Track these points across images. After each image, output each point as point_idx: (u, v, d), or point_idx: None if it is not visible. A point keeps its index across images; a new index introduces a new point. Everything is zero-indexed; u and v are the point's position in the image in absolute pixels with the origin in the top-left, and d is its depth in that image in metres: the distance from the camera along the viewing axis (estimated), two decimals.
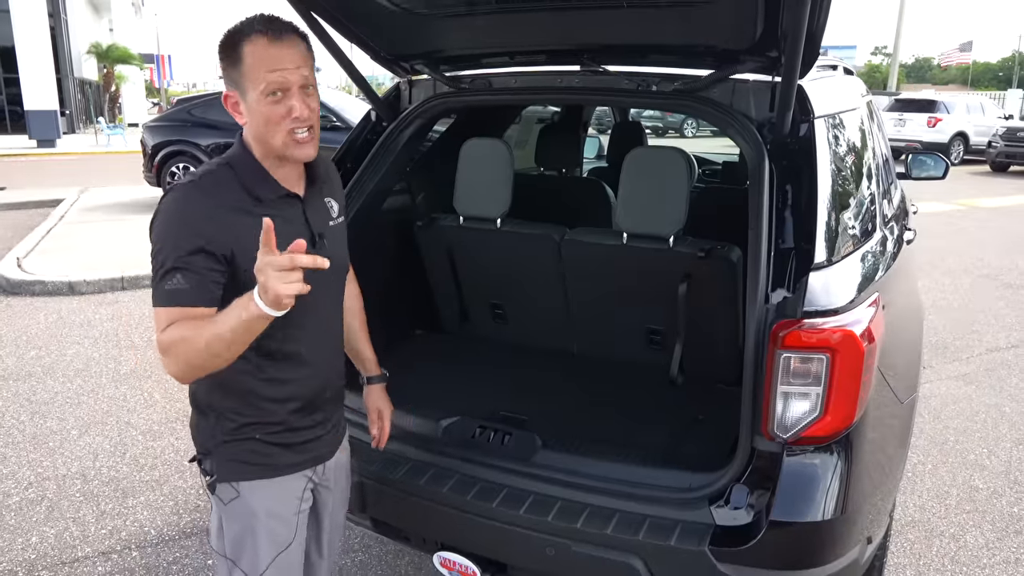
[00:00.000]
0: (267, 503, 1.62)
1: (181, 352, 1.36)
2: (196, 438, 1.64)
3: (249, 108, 1.47)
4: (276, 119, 1.45)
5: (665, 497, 1.89)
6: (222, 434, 1.58)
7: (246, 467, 1.59)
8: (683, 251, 2.30)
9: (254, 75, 1.44)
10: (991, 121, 19.67)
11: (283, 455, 1.62)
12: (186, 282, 1.38)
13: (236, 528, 1.62)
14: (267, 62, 1.43)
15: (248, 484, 1.60)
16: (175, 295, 1.38)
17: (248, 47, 1.44)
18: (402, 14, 2.23)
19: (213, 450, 1.59)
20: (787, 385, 1.73)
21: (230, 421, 1.57)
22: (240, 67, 1.45)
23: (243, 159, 1.52)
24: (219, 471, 1.59)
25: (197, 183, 1.47)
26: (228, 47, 1.46)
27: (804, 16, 1.59)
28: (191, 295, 1.39)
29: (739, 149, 2.72)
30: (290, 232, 1.49)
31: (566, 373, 2.77)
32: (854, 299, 1.79)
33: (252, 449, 1.59)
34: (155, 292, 1.40)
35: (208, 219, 1.42)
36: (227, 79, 1.49)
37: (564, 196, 3.38)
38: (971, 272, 7.76)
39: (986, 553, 3.01)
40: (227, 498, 1.60)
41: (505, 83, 2.52)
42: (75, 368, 4.80)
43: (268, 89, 1.44)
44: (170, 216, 1.43)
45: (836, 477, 1.76)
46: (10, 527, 3.07)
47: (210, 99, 11.20)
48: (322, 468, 1.74)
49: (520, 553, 1.94)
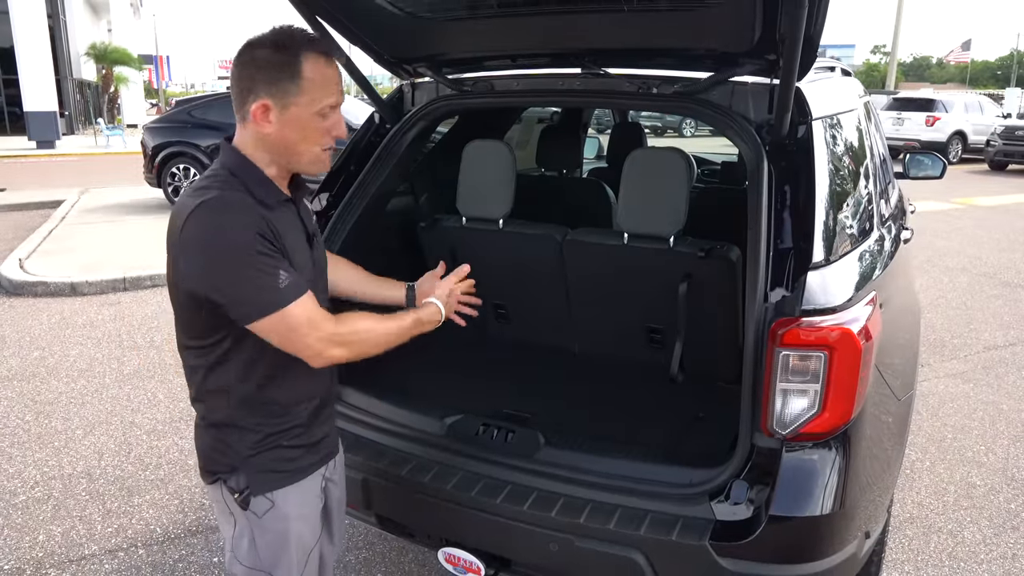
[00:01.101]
0: (298, 508, 1.62)
1: (363, 341, 1.55)
2: (213, 458, 1.59)
3: (288, 119, 1.47)
4: (318, 135, 1.50)
5: (666, 493, 1.92)
6: (247, 448, 1.56)
7: (278, 475, 1.59)
8: (683, 251, 2.33)
9: (315, 92, 1.46)
10: (989, 120, 19.69)
11: (305, 456, 1.63)
12: (288, 274, 1.43)
13: (270, 538, 1.61)
14: (329, 82, 1.48)
15: (282, 492, 1.59)
16: (296, 287, 1.43)
17: (310, 63, 1.45)
18: (405, 17, 2.26)
19: (240, 465, 1.56)
20: (786, 382, 1.76)
21: (254, 433, 1.56)
22: (298, 81, 1.44)
23: (246, 167, 1.50)
24: (252, 485, 1.57)
25: (224, 194, 1.44)
26: (284, 56, 1.44)
27: (802, 20, 1.62)
28: (301, 284, 1.45)
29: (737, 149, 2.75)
30: (292, 234, 1.54)
31: (568, 371, 2.80)
32: (852, 297, 1.82)
33: (280, 457, 1.59)
34: (265, 300, 1.40)
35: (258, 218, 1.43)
36: (268, 86, 1.44)
37: (565, 196, 3.41)
38: (969, 270, 7.80)
39: (983, 549, 3.04)
40: (262, 510, 1.58)
41: (507, 85, 2.55)
42: (79, 368, 4.83)
43: (328, 106, 1.49)
44: (230, 227, 1.40)
45: (834, 473, 1.79)
46: (17, 526, 3.10)
47: (210, 100, 11.23)
48: (333, 463, 1.76)
49: (524, 548, 1.97)
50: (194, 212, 1.41)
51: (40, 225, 9.37)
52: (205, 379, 1.55)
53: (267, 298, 1.40)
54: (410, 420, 2.26)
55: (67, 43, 28.51)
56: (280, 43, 1.45)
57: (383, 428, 2.27)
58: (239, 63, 1.48)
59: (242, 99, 1.48)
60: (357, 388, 2.37)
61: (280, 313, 1.41)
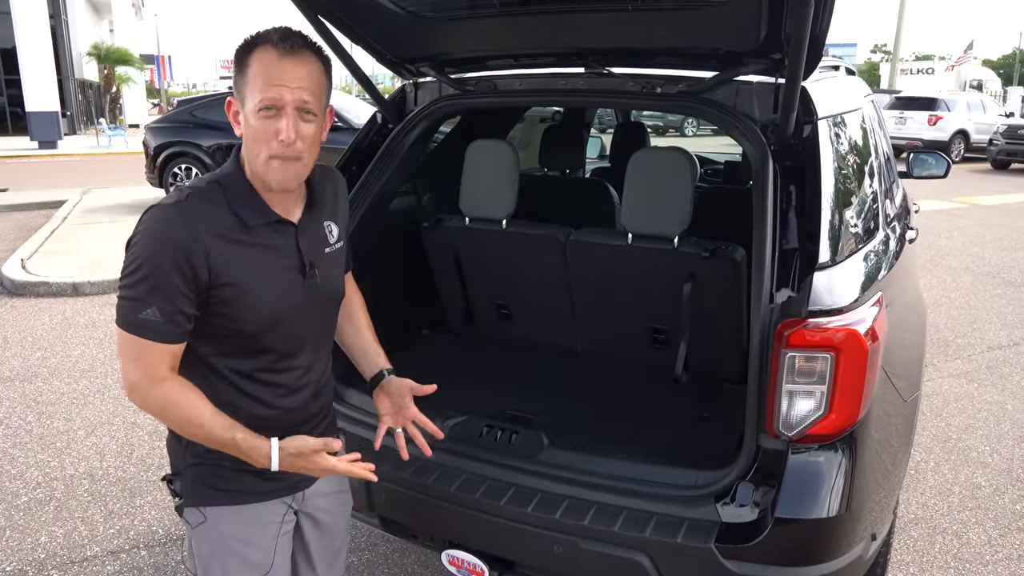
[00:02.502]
0: (236, 529, 1.54)
1: (165, 408, 1.39)
2: (169, 457, 1.57)
3: (244, 120, 1.39)
4: (263, 137, 1.36)
5: (671, 495, 1.91)
6: (191, 456, 1.51)
7: (214, 492, 1.52)
8: (687, 251, 2.32)
9: (253, 85, 1.35)
10: (992, 119, 19.66)
11: (256, 483, 1.53)
12: (160, 315, 1.32)
13: (204, 551, 1.56)
14: (269, 75, 1.34)
15: (215, 510, 1.52)
16: (146, 328, 1.33)
17: (257, 56, 1.36)
18: (407, 17, 2.25)
19: (183, 471, 1.53)
20: (792, 384, 1.75)
21: (199, 444, 1.46)
22: (245, 74, 1.37)
23: (234, 178, 1.42)
24: (186, 494, 1.53)
25: (183, 204, 1.36)
26: (241, 52, 1.39)
27: (808, 19, 1.61)
28: (161, 331, 1.34)
29: (740, 148, 2.74)
30: (277, 262, 1.45)
31: (571, 372, 2.79)
32: (858, 298, 1.81)
33: (220, 475, 1.51)
34: (124, 315, 1.35)
35: (189, 247, 1.33)
36: (234, 85, 1.42)
37: (568, 196, 3.40)
38: (972, 270, 7.78)
39: (988, 550, 3.03)
40: (194, 522, 1.54)
41: (510, 85, 2.54)
42: (81, 369, 4.83)
43: (262, 104, 1.35)
44: (151, 238, 1.34)
45: (840, 475, 1.78)
46: (19, 527, 3.10)
47: (212, 100, 11.23)
48: (301, 495, 1.64)
49: (528, 550, 1.96)
50: (150, 211, 1.38)
51: (42, 225, 9.37)
52: None
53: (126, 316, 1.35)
54: None
55: (69, 43, 28.51)
56: (246, 39, 1.38)
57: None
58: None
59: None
60: (359, 389, 2.36)
61: (123, 334, 1.36)
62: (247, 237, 1.40)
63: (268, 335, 1.46)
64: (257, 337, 1.45)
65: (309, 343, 1.57)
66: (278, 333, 1.48)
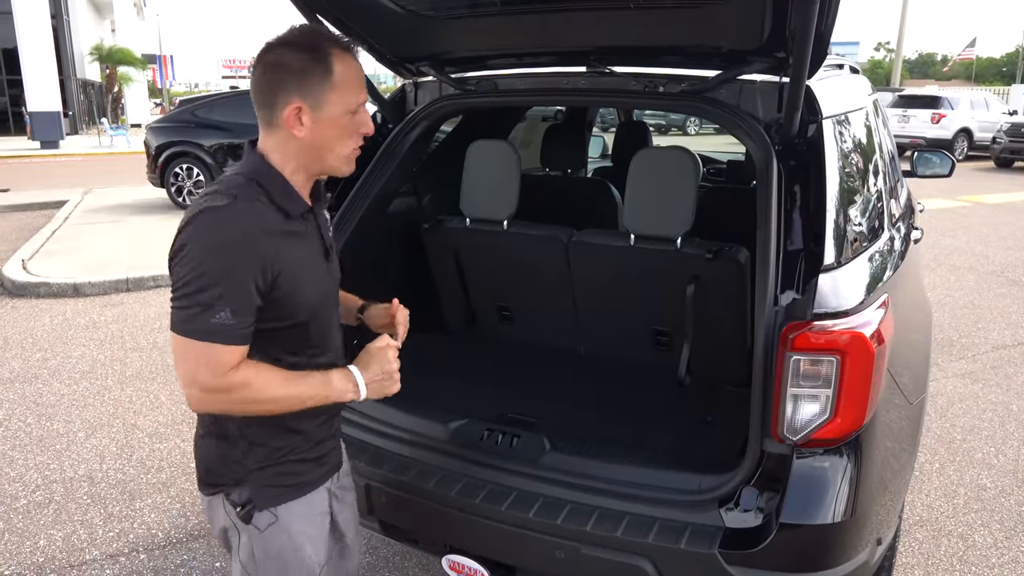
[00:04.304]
0: (300, 522, 1.58)
1: (243, 396, 1.38)
2: (216, 470, 1.53)
3: (321, 119, 1.42)
4: (349, 133, 1.47)
5: (674, 499, 1.88)
6: (255, 462, 1.51)
7: (283, 490, 1.54)
8: (691, 252, 2.30)
9: (344, 89, 1.43)
10: (995, 117, 19.60)
11: (313, 470, 1.59)
12: (232, 318, 1.32)
13: (272, 551, 1.56)
14: (358, 80, 1.47)
15: (285, 507, 1.55)
16: (219, 332, 1.32)
17: (340, 63, 1.42)
18: (407, 16, 2.23)
19: (245, 479, 1.51)
20: (797, 387, 1.72)
21: (263, 448, 1.51)
22: (330, 79, 1.41)
23: (271, 174, 1.44)
24: (256, 499, 1.52)
25: (235, 205, 1.36)
26: (316, 56, 1.40)
27: (812, 16, 1.59)
28: (235, 334, 1.34)
29: (744, 148, 2.71)
30: (311, 249, 1.51)
31: (573, 375, 2.77)
32: (864, 300, 1.79)
33: (287, 471, 1.54)
34: (190, 322, 1.32)
35: (251, 246, 1.35)
36: (300, 87, 1.39)
37: (570, 196, 3.38)
38: (976, 269, 7.74)
39: (995, 552, 3.00)
40: (264, 524, 1.54)
41: (511, 85, 2.52)
42: (81, 370, 4.81)
43: (357, 105, 1.46)
44: (211, 243, 1.33)
45: (846, 479, 1.75)
46: (18, 530, 3.08)
47: (214, 100, 11.23)
48: (337, 476, 1.70)
49: (529, 556, 1.94)
50: (199, 216, 1.35)
51: (43, 226, 9.37)
52: None
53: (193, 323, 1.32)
54: (413, 425, 2.23)
55: (71, 43, 28.56)
56: (307, 43, 1.41)
57: (385, 433, 2.24)
58: (263, 67, 1.41)
59: (270, 103, 1.41)
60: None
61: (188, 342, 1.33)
62: (291, 228, 1.45)
63: (312, 324, 1.52)
64: (306, 326, 1.50)
65: (333, 328, 1.63)
66: (318, 321, 1.54)
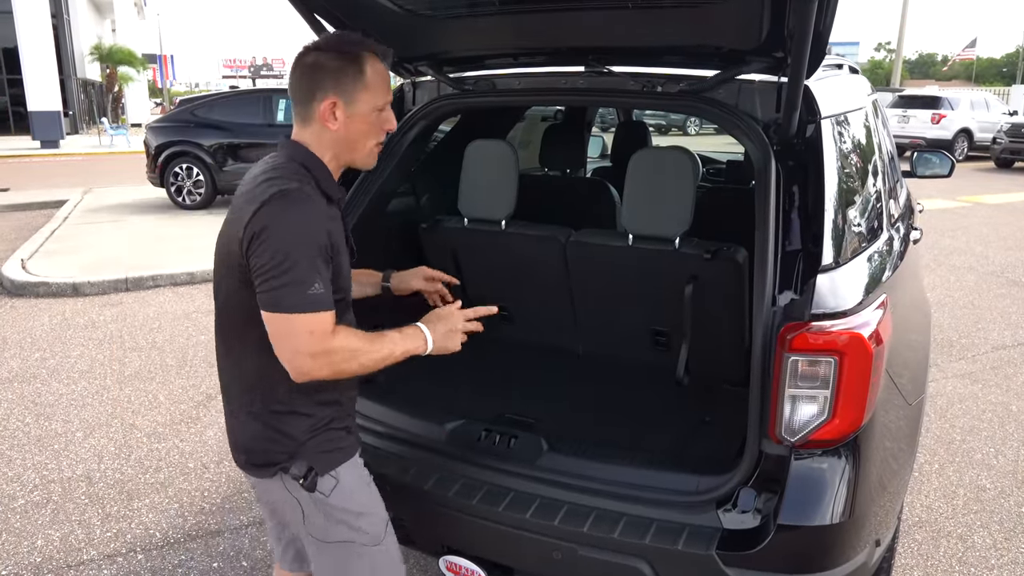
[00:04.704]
0: (356, 482, 1.71)
1: (343, 357, 1.50)
2: (266, 448, 1.62)
3: (352, 116, 1.59)
4: (376, 129, 1.64)
5: (672, 500, 1.88)
6: (304, 433, 1.62)
7: (335, 454, 1.66)
8: (689, 252, 2.29)
9: (375, 89, 1.59)
10: (995, 117, 19.59)
11: (347, 438, 1.71)
12: (323, 288, 1.46)
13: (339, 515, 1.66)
14: (386, 82, 1.63)
15: (343, 468, 1.67)
16: (318, 301, 1.45)
17: (371, 65, 1.59)
18: (405, 15, 2.22)
19: (298, 451, 1.61)
20: (795, 388, 1.72)
21: (308, 418, 1.62)
22: (362, 78, 1.57)
23: (316, 162, 1.60)
24: (317, 465, 1.62)
25: (304, 189, 1.51)
26: (349, 56, 1.57)
27: (811, 16, 1.58)
28: (328, 301, 1.48)
29: (743, 148, 2.71)
30: (342, 233, 1.64)
31: (571, 375, 2.76)
32: (862, 301, 1.78)
33: (331, 438, 1.66)
34: (292, 298, 1.43)
35: (322, 225, 1.50)
36: (335, 85, 1.56)
37: (569, 197, 3.37)
38: (976, 269, 7.74)
39: (994, 554, 2.99)
40: (328, 489, 1.64)
41: (509, 84, 2.51)
42: (79, 370, 4.81)
43: (385, 104, 1.62)
44: (295, 225, 1.46)
45: (844, 481, 1.75)
46: (15, 530, 3.07)
47: (213, 100, 11.22)
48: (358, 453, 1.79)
49: (526, 557, 1.93)
50: (274, 198, 1.46)
51: (43, 225, 9.37)
52: (263, 367, 1.56)
53: (295, 298, 1.44)
54: (410, 425, 2.23)
55: (71, 43, 28.56)
56: (342, 46, 1.59)
57: (382, 433, 2.23)
58: (302, 67, 1.58)
59: (307, 99, 1.57)
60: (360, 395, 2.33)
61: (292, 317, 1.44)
62: (331, 212, 1.59)
63: (343, 301, 1.64)
64: (343, 302, 1.63)
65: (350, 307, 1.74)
66: (347, 298, 1.68)
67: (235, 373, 1.65)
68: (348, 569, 1.71)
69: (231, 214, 1.56)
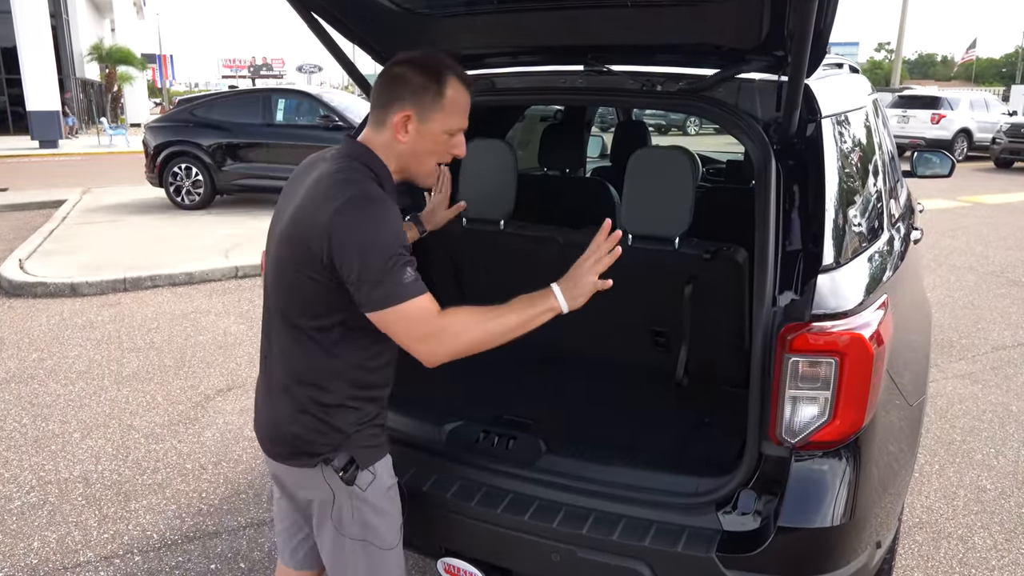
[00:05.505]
0: (389, 479, 1.74)
1: (458, 332, 1.55)
2: (313, 440, 1.65)
3: (422, 132, 1.61)
4: (442, 151, 1.66)
5: (671, 502, 1.87)
6: (351, 426, 1.65)
7: (375, 449, 1.70)
8: (688, 253, 2.28)
9: (452, 111, 1.62)
10: (995, 117, 19.59)
11: (383, 436, 1.75)
12: (415, 272, 1.52)
13: (369, 509, 1.69)
14: (464, 109, 1.65)
15: (380, 464, 1.71)
16: (419, 284, 1.51)
17: (452, 85, 1.61)
18: (402, 14, 2.21)
19: (342, 444, 1.65)
20: (795, 389, 1.71)
21: (356, 412, 1.66)
22: (441, 100, 1.59)
23: (381, 166, 1.62)
24: (360, 459, 1.66)
25: (383, 190, 1.57)
26: (434, 75, 1.59)
27: (811, 15, 1.57)
28: (419, 286, 1.52)
29: (743, 148, 2.69)
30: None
31: (570, 375, 2.75)
32: (863, 301, 1.77)
33: (373, 433, 1.70)
34: (409, 288, 1.49)
35: (400, 221, 1.56)
36: (413, 99, 1.58)
37: (568, 197, 3.35)
38: (976, 269, 7.73)
39: (994, 555, 2.98)
40: (366, 483, 1.67)
41: (508, 84, 2.50)
42: (77, 370, 4.79)
43: (458, 129, 1.65)
44: (387, 224, 1.52)
45: (845, 482, 1.74)
46: (12, 532, 3.06)
47: (213, 99, 11.20)
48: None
49: (525, 559, 1.92)
50: (356, 199, 1.50)
51: (41, 225, 9.36)
52: (320, 361, 1.61)
53: (411, 289, 1.49)
54: (408, 426, 2.21)
55: (70, 43, 28.52)
56: (429, 65, 1.61)
57: None
58: (386, 77, 1.62)
59: (385, 106, 1.61)
60: None
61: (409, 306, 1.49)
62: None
63: None
64: None
65: None
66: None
67: (285, 367, 1.67)
68: (358, 566, 1.73)
69: (296, 212, 1.57)
